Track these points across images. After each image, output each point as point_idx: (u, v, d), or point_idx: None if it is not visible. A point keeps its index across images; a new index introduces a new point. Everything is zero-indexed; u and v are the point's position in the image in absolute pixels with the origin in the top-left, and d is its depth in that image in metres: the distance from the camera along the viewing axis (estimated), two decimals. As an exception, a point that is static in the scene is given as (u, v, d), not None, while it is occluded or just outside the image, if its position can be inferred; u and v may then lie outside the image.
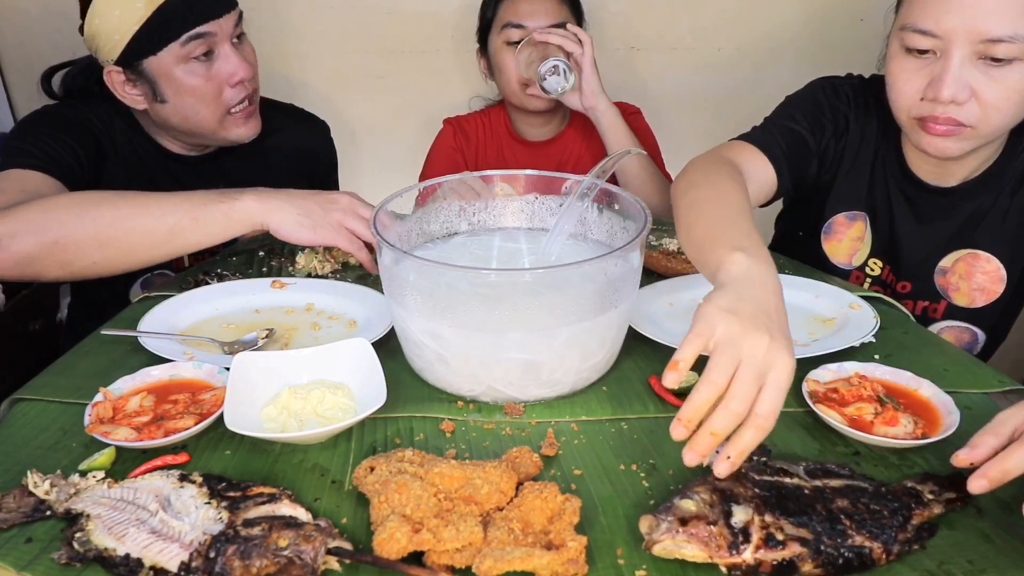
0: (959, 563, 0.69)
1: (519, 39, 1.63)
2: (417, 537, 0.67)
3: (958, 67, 1.04)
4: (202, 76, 1.31)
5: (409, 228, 1.07)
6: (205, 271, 1.26)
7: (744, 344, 0.70)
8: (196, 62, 1.30)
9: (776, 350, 0.70)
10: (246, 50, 1.38)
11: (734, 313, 0.72)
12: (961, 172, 1.21)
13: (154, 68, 1.29)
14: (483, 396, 0.92)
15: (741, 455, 0.70)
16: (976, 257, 1.24)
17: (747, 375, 0.69)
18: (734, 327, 0.71)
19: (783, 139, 1.24)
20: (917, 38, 1.06)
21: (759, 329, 0.71)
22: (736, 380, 0.69)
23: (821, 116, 1.27)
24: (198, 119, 1.34)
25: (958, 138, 1.09)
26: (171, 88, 1.31)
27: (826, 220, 1.33)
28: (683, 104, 2.16)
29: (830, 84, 1.30)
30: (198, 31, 1.28)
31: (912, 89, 1.10)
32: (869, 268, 1.31)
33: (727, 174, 1.07)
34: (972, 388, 0.95)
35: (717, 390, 0.69)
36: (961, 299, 1.27)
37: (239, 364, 0.88)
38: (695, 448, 0.70)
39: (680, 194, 1.04)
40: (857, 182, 1.29)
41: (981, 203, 1.22)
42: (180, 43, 1.27)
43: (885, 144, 1.26)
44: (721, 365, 0.70)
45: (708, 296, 0.76)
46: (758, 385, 0.69)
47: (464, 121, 1.85)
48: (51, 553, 0.69)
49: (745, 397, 0.69)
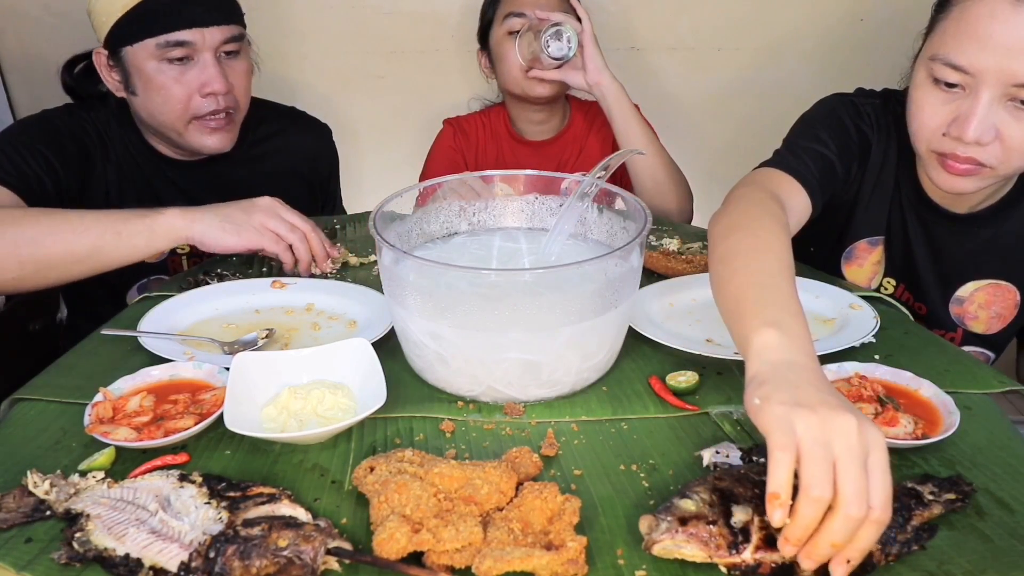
0: (959, 563, 0.68)
1: (520, 27, 1.64)
2: (417, 537, 0.67)
3: (986, 108, 0.99)
4: (172, 78, 1.29)
5: (409, 228, 1.07)
6: (205, 271, 1.26)
7: (833, 437, 0.62)
8: (169, 63, 1.28)
9: (865, 428, 0.63)
10: (235, 67, 1.35)
11: (801, 404, 0.64)
12: (976, 199, 1.18)
13: (130, 58, 1.29)
14: (483, 396, 0.92)
15: (862, 555, 0.64)
16: (998, 287, 1.22)
17: (853, 470, 0.62)
18: (813, 422, 0.63)
19: (815, 165, 1.17)
20: (948, 71, 1.01)
21: (838, 410, 0.64)
22: (844, 480, 0.61)
23: (848, 139, 1.21)
24: (162, 119, 1.33)
25: (976, 178, 1.06)
26: (141, 81, 1.30)
27: (847, 245, 1.29)
28: (683, 104, 2.16)
29: (851, 104, 1.24)
30: (177, 37, 1.27)
31: (936, 123, 1.05)
32: (883, 287, 1.29)
33: (770, 218, 0.96)
34: (972, 388, 0.95)
35: (825, 504, 0.61)
36: (978, 327, 1.25)
37: (239, 364, 0.88)
38: (813, 557, 0.63)
39: (718, 239, 0.93)
40: (880, 207, 1.25)
41: (997, 230, 1.19)
42: (156, 42, 1.26)
43: (903, 166, 1.23)
44: (819, 474, 0.61)
45: (760, 394, 0.68)
46: (865, 476, 0.62)
47: (464, 121, 1.84)
48: (51, 553, 0.69)
49: (859, 496, 0.61)
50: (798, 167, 1.16)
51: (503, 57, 1.69)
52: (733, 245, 0.89)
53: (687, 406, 0.91)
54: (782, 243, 0.90)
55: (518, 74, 1.68)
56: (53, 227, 1.10)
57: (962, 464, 0.82)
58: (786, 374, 0.69)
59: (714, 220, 0.99)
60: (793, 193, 1.13)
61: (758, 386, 0.69)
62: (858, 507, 0.61)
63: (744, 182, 1.11)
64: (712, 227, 0.97)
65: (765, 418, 0.65)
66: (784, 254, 0.88)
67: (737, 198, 1.02)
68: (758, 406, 0.67)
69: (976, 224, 1.20)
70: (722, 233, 0.93)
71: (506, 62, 1.69)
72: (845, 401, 0.67)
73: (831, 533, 0.62)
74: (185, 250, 1.43)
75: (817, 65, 2.10)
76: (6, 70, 2.02)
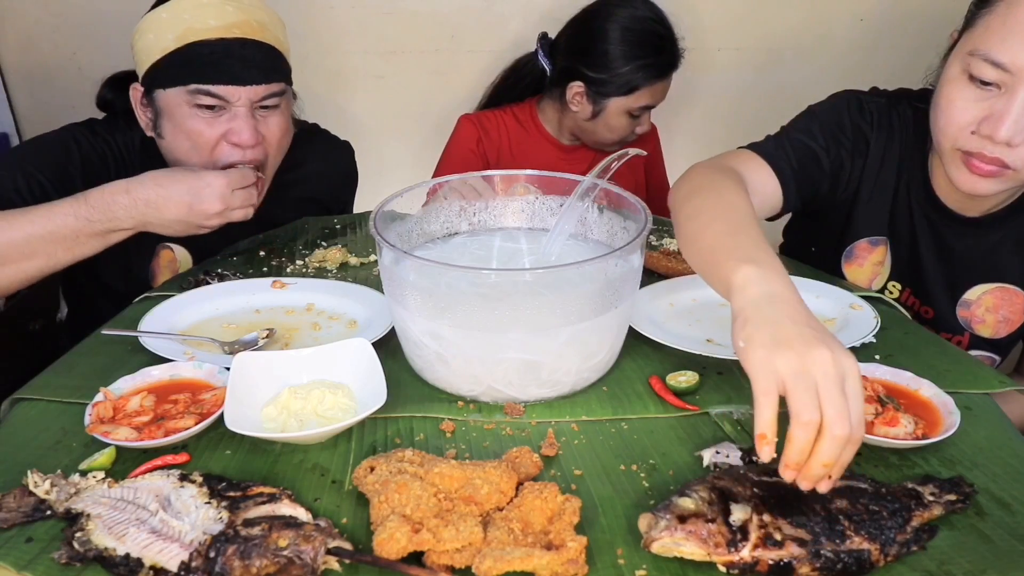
0: (959, 564, 0.68)
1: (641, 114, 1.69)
2: (417, 537, 0.67)
3: (1021, 108, 0.97)
4: (203, 123, 1.25)
5: (409, 228, 1.07)
6: (205, 271, 1.26)
7: (812, 368, 0.68)
8: (200, 108, 1.25)
9: (839, 356, 0.69)
10: (269, 121, 1.30)
11: (781, 343, 0.70)
12: (990, 202, 1.16)
13: (162, 101, 1.26)
14: (483, 396, 0.92)
15: (843, 470, 0.70)
16: (1005, 291, 1.21)
17: (835, 394, 0.67)
18: (792, 358, 0.69)
19: (795, 154, 1.19)
20: (986, 68, 0.98)
21: (814, 344, 0.69)
22: (828, 404, 0.67)
23: (840, 134, 1.21)
24: (186, 162, 1.29)
25: (997, 180, 1.04)
26: (170, 125, 1.27)
27: (848, 244, 1.29)
28: (683, 104, 2.16)
29: (856, 100, 1.23)
30: (211, 91, 1.23)
31: (965, 120, 1.02)
32: (888, 291, 1.28)
33: (731, 181, 1.02)
34: (972, 388, 0.95)
35: (816, 426, 0.67)
36: (986, 331, 1.24)
37: (239, 364, 0.88)
38: (808, 478, 0.69)
39: (681, 201, 1.00)
40: (880, 207, 1.25)
41: (1007, 233, 1.18)
42: (188, 88, 1.23)
43: (910, 168, 1.22)
44: (806, 402, 0.67)
45: (743, 336, 0.73)
46: (845, 399, 0.68)
47: (485, 119, 1.79)
48: (51, 553, 0.69)
49: (843, 417, 0.67)
50: (775, 153, 1.18)
51: (612, 127, 1.70)
52: (699, 203, 0.96)
53: (687, 406, 0.91)
54: (744, 200, 0.97)
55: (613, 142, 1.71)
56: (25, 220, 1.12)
57: (962, 464, 0.82)
58: (766, 311, 0.74)
59: (676, 187, 1.05)
60: (760, 174, 1.16)
61: (742, 326, 0.74)
62: (842, 427, 0.67)
63: (710, 159, 1.16)
64: (675, 192, 1.04)
65: (749, 362, 0.71)
66: (748, 209, 0.95)
67: (697, 169, 1.09)
68: (743, 348, 0.72)
69: (986, 227, 1.19)
70: (686, 195, 1.00)
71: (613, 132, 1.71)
72: (821, 331, 0.72)
73: (821, 454, 0.68)
74: None
75: (817, 65, 2.11)
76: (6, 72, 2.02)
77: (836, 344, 0.70)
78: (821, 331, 0.72)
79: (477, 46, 2.01)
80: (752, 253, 0.81)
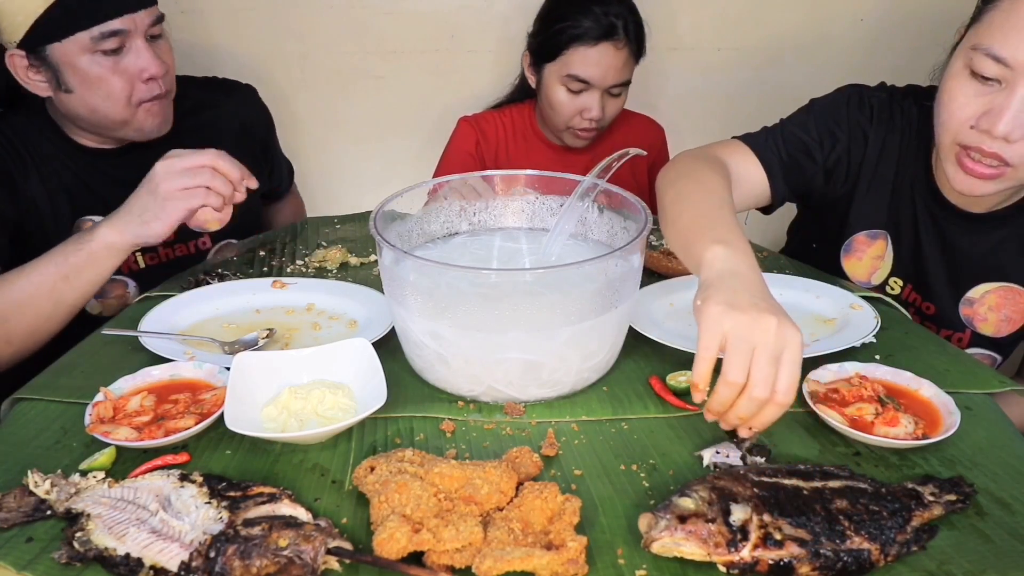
0: (959, 564, 0.68)
1: (579, 90, 1.62)
2: (417, 537, 0.67)
3: (1020, 104, 0.98)
4: (109, 68, 1.24)
5: (409, 228, 1.07)
6: (205, 271, 1.26)
7: (755, 332, 0.74)
8: (104, 55, 1.23)
9: (784, 328, 0.75)
10: (162, 48, 1.30)
11: (734, 306, 0.76)
12: (993, 199, 1.16)
13: (58, 55, 1.22)
14: (483, 396, 0.92)
15: (764, 426, 0.78)
16: (1009, 290, 1.21)
17: (763, 361, 0.74)
18: (740, 319, 0.75)
19: (786, 147, 1.20)
20: (988, 63, 0.99)
21: (764, 312, 0.75)
22: (755, 368, 0.74)
23: (836, 128, 1.22)
24: (105, 111, 1.28)
25: (993, 182, 1.05)
26: (76, 78, 1.24)
27: (846, 238, 1.29)
28: (683, 104, 2.16)
29: (857, 94, 1.24)
30: (111, 28, 1.21)
31: (966, 115, 1.03)
32: (890, 287, 1.28)
33: (711, 169, 1.08)
34: (972, 388, 0.95)
35: (738, 388, 0.75)
36: (987, 329, 1.24)
37: (239, 364, 0.88)
38: (727, 423, 0.79)
39: (666, 186, 1.06)
40: (879, 200, 1.25)
41: (1012, 231, 1.18)
42: (89, 36, 1.20)
43: (913, 162, 1.22)
44: (737, 363, 0.74)
45: (702, 296, 0.79)
46: (775, 367, 0.74)
47: (483, 120, 1.79)
48: (51, 553, 0.69)
49: (765, 383, 0.74)
50: (763, 144, 1.21)
51: (552, 102, 1.66)
52: (682, 188, 1.03)
53: (687, 406, 0.91)
54: (721, 186, 1.04)
55: (561, 124, 1.67)
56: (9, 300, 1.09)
57: (962, 464, 0.82)
58: (729, 281, 0.81)
59: (663, 172, 1.12)
60: (745, 163, 1.20)
61: (703, 289, 0.81)
62: (761, 390, 0.74)
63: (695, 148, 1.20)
64: (661, 178, 1.11)
65: (701, 317, 0.78)
66: (724, 193, 1.02)
67: (684, 156, 1.15)
68: (698, 306, 0.79)
69: (991, 225, 1.18)
70: (671, 181, 1.07)
71: (556, 109, 1.66)
72: (776, 306, 0.78)
73: (739, 408, 0.76)
74: None
75: (817, 65, 2.11)
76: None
77: (785, 317, 0.76)
78: (775, 306, 0.78)
79: (477, 46, 2.01)
80: (723, 235, 0.87)
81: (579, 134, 1.68)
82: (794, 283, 1.16)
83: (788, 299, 0.83)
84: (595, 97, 1.62)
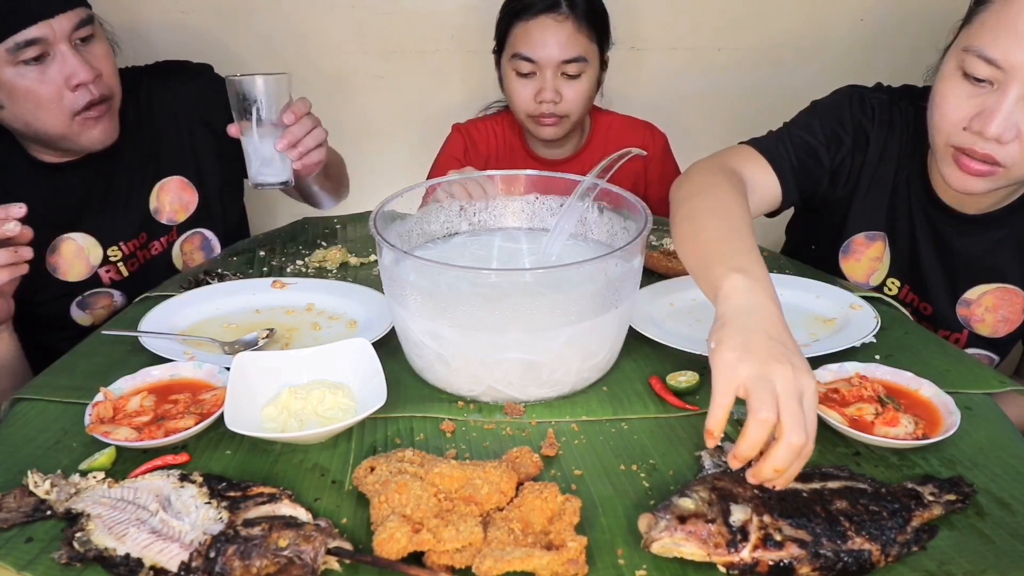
0: (959, 564, 0.68)
1: (528, 72, 1.56)
2: (417, 537, 0.67)
3: (1012, 105, 0.98)
4: (35, 79, 1.18)
5: (409, 228, 1.07)
6: (206, 271, 1.26)
7: (774, 379, 0.71)
8: (26, 65, 1.17)
9: (800, 375, 0.72)
10: (94, 51, 1.24)
11: (749, 351, 0.73)
12: (988, 200, 1.16)
13: None
14: (483, 396, 0.92)
15: (788, 480, 0.72)
16: (1006, 291, 1.21)
17: (792, 407, 0.70)
18: (755, 366, 0.72)
19: (796, 152, 1.20)
20: (979, 64, 0.99)
21: (779, 361, 0.72)
22: (784, 414, 0.70)
23: (840, 130, 1.22)
24: (40, 125, 1.22)
25: (988, 179, 1.04)
26: (3, 92, 1.19)
27: (845, 239, 1.29)
28: (683, 104, 2.16)
29: (858, 95, 1.24)
30: (27, 36, 1.15)
31: (958, 116, 1.03)
32: (887, 288, 1.28)
33: (730, 184, 1.03)
34: (973, 388, 0.95)
35: (770, 426, 0.70)
36: (984, 329, 1.24)
37: (239, 364, 0.88)
38: (758, 477, 0.72)
39: (680, 200, 1.01)
40: (878, 201, 1.25)
41: (1008, 232, 1.18)
42: (5, 48, 1.15)
43: (909, 163, 1.22)
44: (764, 401, 0.70)
45: (716, 337, 0.76)
46: (803, 411, 0.70)
47: (474, 129, 1.76)
48: (51, 553, 0.69)
49: (800, 427, 0.69)
50: (775, 150, 1.19)
51: (508, 92, 1.62)
52: (698, 204, 0.98)
53: (687, 406, 0.91)
54: (741, 205, 0.99)
55: (524, 117, 1.62)
56: None
57: (962, 464, 0.82)
58: (745, 319, 0.76)
59: (676, 185, 1.06)
60: (759, 172, 1.17)
61: (719, 328, 0.77)
62: (798, 435, 0.69)
63: (712, 156, 1.16)
64: (675, 191, 1.05)
65: (715, 362, 0.74)
66: (745, 214, 0.97)
67: (700, 167, 1.10)
68: (713, 348, 0.75)
69: (987, 226, 1.19)
70: (686, 195, 1.01)
71: (512, 99, 1.62)
72: (792, 349, 0.74)
73: (775, 459, 0.70)
74: (117, 256, 1.37)
75: (817, 65, 2.11)
76: None
77: (801, 363, 0.73)
78: (792, 349, 0.75)
79: (477, 46, 2.00)
80: (743, 262, 0.82)
81: (541, 122, 1.60)
82: (794, 283, 1.16)
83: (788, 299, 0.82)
84: (546, 77, 1.55)
